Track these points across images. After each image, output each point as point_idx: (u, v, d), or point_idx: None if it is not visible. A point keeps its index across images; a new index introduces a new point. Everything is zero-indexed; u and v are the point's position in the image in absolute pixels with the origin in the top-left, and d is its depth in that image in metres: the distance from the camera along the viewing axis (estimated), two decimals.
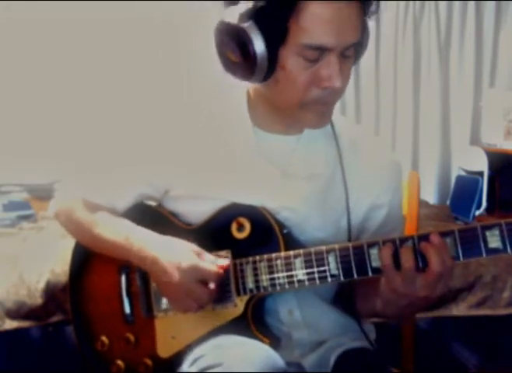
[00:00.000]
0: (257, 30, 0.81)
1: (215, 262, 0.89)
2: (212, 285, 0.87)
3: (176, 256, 0.89)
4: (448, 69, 3.55)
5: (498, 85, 3.55)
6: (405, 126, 3.57)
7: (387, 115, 3.58)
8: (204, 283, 0.88)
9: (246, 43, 0.82)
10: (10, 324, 1.61)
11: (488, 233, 0.76)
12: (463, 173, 3.49)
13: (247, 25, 0.81)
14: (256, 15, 0.80)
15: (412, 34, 3.52)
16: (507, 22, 3.51)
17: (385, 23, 3.50)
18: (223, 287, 0.91)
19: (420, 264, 0.79)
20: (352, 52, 0.86)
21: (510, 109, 3.22)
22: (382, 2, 3.40)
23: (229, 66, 0.87)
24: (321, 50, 0.82)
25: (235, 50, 0.84)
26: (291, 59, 0.83)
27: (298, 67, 0.84)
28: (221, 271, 0.88)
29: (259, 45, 0.81)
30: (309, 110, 0.89)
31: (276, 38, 0.82)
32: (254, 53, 0.82)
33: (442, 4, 3.50)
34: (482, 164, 3.23)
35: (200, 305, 0.89)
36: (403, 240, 0.81)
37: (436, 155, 3.58)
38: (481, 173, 3.22)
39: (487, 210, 3.19)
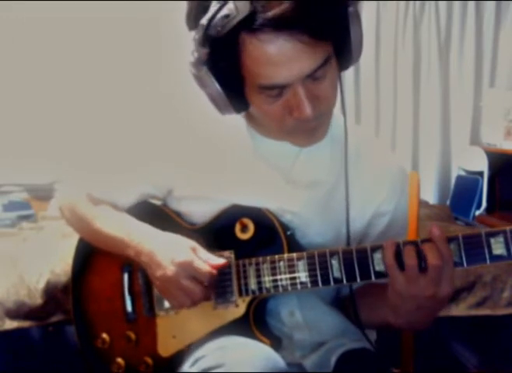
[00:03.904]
0: (210, 77, 0.80)
1: (209, 260, 0.88)
2: (205, 284, 0.87)
3: (172, 251, 0.89)
4: (448, 69, 3.55)
5: (498, 85, 3.54)
6: (405, 126, 3.57)
7: (387, 115, 3.58)
8: (198, 280, 0.87)
9: (204, 88, 0.82)
10: (10, 324, 1.60)
11: (492, 240, 0.76)
12: (463, 173, 3.48)
13: (202, 72, 0.80)
14: (207, 62, 0.78)
15: (412, 34, 3.51)
16: (507, 22, 3.51)
17: (385, 23, 3.50)
18: (225, 288, 0.91)
19: (423, 264, 0.78)
20: (322, 72, 0.79)
21: (510, 109, 3.22)
22: (382, 2, 3.44)
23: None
24: (280, 87, 0.79)
25: (201, 90, 0.84)
26: (255, 97, 0.82)
27: (265, 103, 0.82)
28: (214, 271, 0.87)
29: (215, 90, 0.81)
30: (295, 134, 0.88)
31: (233, 80, 0.80)
32: (212, 97, 0.82)
33: (442, 4, 3.49)
34: (482, 164, 3.22)
35: (193, 301, 0.89)
36: (406, 244, 0.80)
37: (436, 155, 3.57)
38: (481, 173, 3.21)
39: (487, 210, 3.18)
